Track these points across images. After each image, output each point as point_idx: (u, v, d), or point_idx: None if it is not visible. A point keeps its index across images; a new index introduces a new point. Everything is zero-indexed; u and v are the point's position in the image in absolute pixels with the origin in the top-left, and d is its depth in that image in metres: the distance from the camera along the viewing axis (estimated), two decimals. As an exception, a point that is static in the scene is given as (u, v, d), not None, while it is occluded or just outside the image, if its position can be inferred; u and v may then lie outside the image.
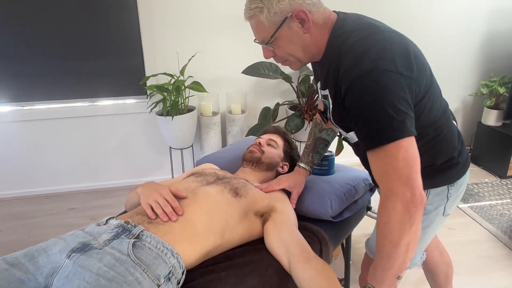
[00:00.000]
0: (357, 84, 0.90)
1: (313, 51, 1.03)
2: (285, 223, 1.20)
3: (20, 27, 2.47)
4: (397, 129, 0.89)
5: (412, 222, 0.89)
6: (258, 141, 1.49)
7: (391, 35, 0.95)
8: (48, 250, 0.97)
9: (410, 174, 0.89)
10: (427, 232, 1.18)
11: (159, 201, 1.12)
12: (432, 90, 1.00)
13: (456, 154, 1.10)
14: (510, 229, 2.36)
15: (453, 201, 1.16)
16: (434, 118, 1.03)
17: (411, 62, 0.92)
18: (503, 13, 3.04)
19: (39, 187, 2.84)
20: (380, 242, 0.95)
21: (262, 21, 0.98)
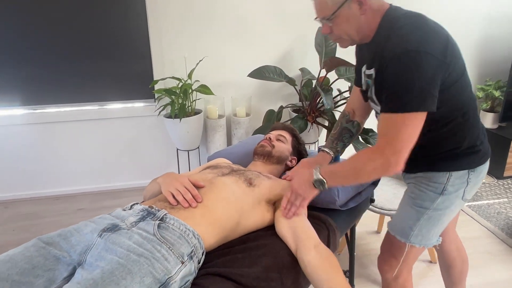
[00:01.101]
0: (398, 59, 1.04)
1: (365, 32, 1.17)
2: (299, 215, 1.27)
3: (31, 31, 2.57)
4: (419, 103, 1.04)
5: (378, 174, 1.12)
6: (268, 136, 1.59)
7: (435, 24, 1.12)
8: (80, 231, 1.05)
9: (403, 148, 1.05)
10: (446, 213, 1.25)
11: (179, 189, 1.20)
12: (463, 79, 1.14)
13: (478, 142, 1.22)
14: (507, 226, 2.44)
15: (472, 187, 1.24)
16: (463, 104, 1.16)
17: (447, 49, 1.07)
18: (497, 19, 3.16)
19: (50, 189, 2.91)
20: (351, 160, 1.16)
21: (326, 1, 1.12)
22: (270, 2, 2.77)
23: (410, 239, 1.29)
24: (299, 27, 2.86)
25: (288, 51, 2.92)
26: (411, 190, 1.30)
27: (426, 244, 1.30)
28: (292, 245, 1.19)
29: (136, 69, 2.79)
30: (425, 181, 1.25)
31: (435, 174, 1.22)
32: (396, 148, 1.05)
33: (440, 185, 1.22)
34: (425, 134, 1.14)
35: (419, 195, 1.26)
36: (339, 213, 1.45)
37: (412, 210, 1.28)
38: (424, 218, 1.26)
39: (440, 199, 1.22)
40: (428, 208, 1.24)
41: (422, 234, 1.28)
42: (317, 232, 1.29)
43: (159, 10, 2.64)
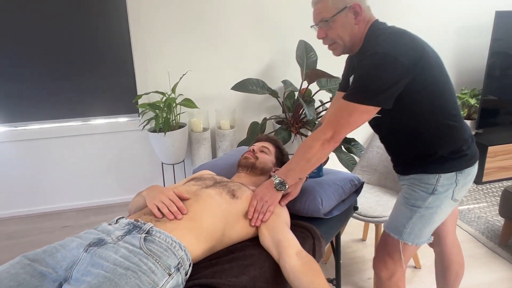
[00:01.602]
0: (367, 58, 1.19)
1: (356, 40, 1.30)
2: (276, 222, 1.30)
3: (12, 48, 2.56)
4: (369, 97, 1.18)
5: (322, 152, 1.26)
6: (252, 148, 1.61)
7: (414, 37, 1.22)
8: (66, 247, 1.05)
9: (341, 130, 1.23)
10: (437, 212, 1.33)
11: (164, 201, 1.21)
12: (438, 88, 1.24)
13: (465, 147, 1.30)
14: (487, 230, 2.51)
15: (461, 188, 1.33)
16: (451, 109, 1.27)
17: (420, 59, 1.17)
18: (470, 31, 3.29)
19: (33, 206, 2.86)
20: (298, 152, 1.30)
21: (328, 4, 1.25)
22: (252, 17, 2.83)
23: (403, 236, 1.36)
24: (280, 40, 2.93)
25: (270, 64, 2.98)
26: (405, 191, 1.39)
27: (418, 242, 1.37)
28: (275, 254, 1.21)
29: (119, 83, 2.80)
30: (417, 182, 1.33)
31: (425, 176, 1.31)
32: (336, 129, 1.23)
33: (431, 186, 1.30)
34: (413, 139, 1.30)
35: (412, 195, 1.34)
36: (324, 222, 1.48)
37: (406, 209, 1.36)
38: (416, 216, 1.34)
39: (431, 198, 1.31)
40: (420, 207, 1.33)
41: (414, 232, 1.35)
42: (302, 240, 1.32)
43: (142, 25, 2.67)
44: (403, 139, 1.33)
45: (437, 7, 3.15)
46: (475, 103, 3.17)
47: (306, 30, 2.93)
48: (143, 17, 2.66)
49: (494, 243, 2.36)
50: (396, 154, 1.43)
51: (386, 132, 1.40)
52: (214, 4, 2.74)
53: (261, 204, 1.32)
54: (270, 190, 1.34)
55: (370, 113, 1.21)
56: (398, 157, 1.42)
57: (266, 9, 2.84)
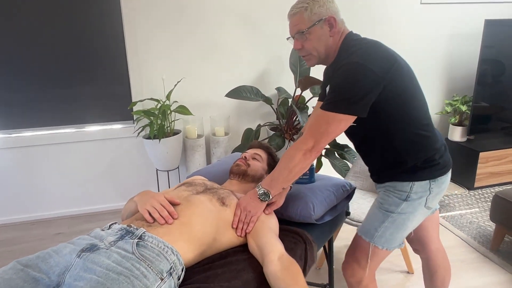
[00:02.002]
0: (341, 68, 1.23)
1: (330, 52, 1.34)
2: (262, 229, 1.31)
3: (6, 55, 2.57)
4: (345, 106, 1.21)
5: (304, 161, 1.28)
6: (244, 155, 1.63)
7: (386, 49, 1.27)
8: (59, 252, 1.06)
9: (321, 140, 1.25)
10: (409, 218, 1.36)
11: (155, 206, 1.23)
12: (409, 98, 1.28)
13: (437, 156, 1.33)
14: (479, 235, 2.53)
15: (435, 196, 1.36)
16: (422, 118, 1.31)
17: (391, 68, 1.22)
18: (461, 38, 3.34)
19: (26, 214, 2.86)
20: (281, 162, 1.33)
21: (303, 17, 1.30)
22: (246, 24, 2.86)
23: (374, 239, 1.38)
24: (274, 48, 2.96)
25: (264, 71, 3.01)
26: (380, 196, 1.42)
27: (388, 246, 1.39)
28: (260, 261, 1.23)
29: (114, 90, 2.81)
30: (392, 189, 1.36)
31: (399, 184, 1.34)
32: (316, 139, 1.25)
33: (404, 193, 1.33)
34: (385, 149, 1.33)
35: (386, 200, 1.37)
36: (316, 227, 1.49)
37: (379, 212, 1.38)
38: (389, 220, 1.36)
39: (404, 204, 1.34)
40: (393, 212, 1.35)
41: (385, 236, 1.37)
42: (294, 245, 1.34)
43: (136, 32, 2.69)
44: (376, 148, 1.36)
45: (428, 16, 3.20)
46: (466, 109, 3.21)
47: (299, 38, 2.97)
48: (138, 24, 2.68)
49: (486, 248, 2.39)
50: (370, 163, 1.45)
51: (360, 141, 1.42)
52: (208, 12, 2.77)
53: (245, 214, 1.34)
54: (254, 200, 1.35)
55: (348, 121, 1.24)
56: (373, 166, 1.45)
57: (260, 17, 2.88)
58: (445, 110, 3.31)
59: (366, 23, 3.07)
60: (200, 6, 2.75)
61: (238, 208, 1.36)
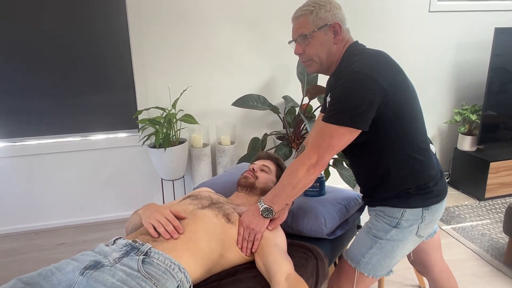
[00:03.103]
0: (343, 77, 1.17)
1: (333, 60, 1.29)
2: (268, 247, 1.26)
3: (11, 63, 2.55)
4: (348, 119, 1.15)
5: (307, 177, 1.21)
6: (252, 167, 1.58)
7: (389, 58, 1.21)
8: (61, 270, 1.02)
9: (325, 154, 1.18)
10: (398, 246, 1.29)
11: (160, 220, 1.19)
12: (409, 118, 1.22)
13: (431, 183, 1.26)
14: (491, 247, 2.46)
15: (427, 224, 1.28)
16: (420, 141, 1.24)
17: (394, 81, 1.15)
18: (469, 47, 3.30)
19: (29, 223, 2.82)
20: (283, 177, 1.27)
21: (308, 20, 1.24)
22: (253, 32, 2.84)
23: (360, 265, 1.32)
24: (281, 56, 2.93)
25: (271, 80, 2.98)
26: (370, 220, 1.35)
27: (375, 274, 1.32)
28: (268, 280, 1.18)
29: (119, 99, 2.79)
30: (382, 214, 1.30)
31: (390, 209, 1.28)
32: (319, 153, 1.18)
33: (395, 219, 1.27)
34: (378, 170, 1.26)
35: (375, 225, 1.31)
36: (327, 241, 1.45)
37: (367, 238, 1.32)
38: (376, 246, 1.29)
39: (393, 231, 1.27)
40: (381, 238, 1.29)
41: (372, 263, 1.30)
42: (305, 261, 1.29)
43: (142, 40, 2.67)
44: (369, 169, 1.30)
45: (436, 24, 3.17)
46: (476, 119, 3.16)
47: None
48: (144, 33, 2.66)
49: (499, 261, 2.32)
50: (362, 183, 1.38)
51: (353, 158, 1.35)
52: (215, 20, 2.75)
53: (248, 232, 1.29)
54: (257, 217, 1.29)
55: (351, 134, 1.17)
56: (364, 187, 1.37)
57: (267, 26, 2.85)
58: (454, 119, 3.26)
59: (373, 32, 3.04)
60: (206, 15, 2.73)
61: (241, 226, 1.30)
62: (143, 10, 2.63)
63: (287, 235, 1.38)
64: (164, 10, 2.66)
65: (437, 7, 3.12)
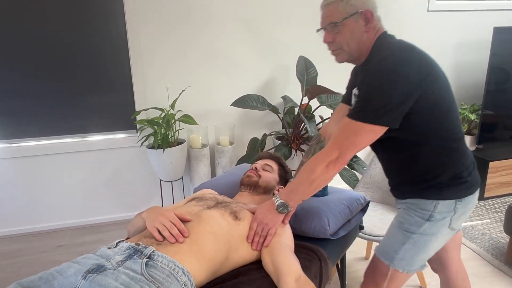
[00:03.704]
0: (374, 74, 1.13)
1: (363, 49, 1.25)
2: (276, 245, 1.25)
3: (7, 63, 2.53)
4: (375, 116, 1.11)
5: (326, 174, 1.19)
6: (254, 166, 1.57)
7: (423, 54, 1.17)
8: (63, 273, 1.00)
9: (347, 151, 1.16)
10: (432, 240, 1.26)
11: (165, 224, 1.17)
12: (443, 108, 1.18)
13: (465, 173, 1.23)
14: (492, 247, 2.46)
15: (460, 216, 1.25)
16: (455, 132, 1.21)
17: (427, 77, 1.12)
18: (468, 46, 3.30)
19: (27, 225, 2.79)
20: (301, 173, 1.24)
21: (339, 7, 1.20)
22: (252, 33, 2.82)
23: (394, 262, 1.29)
24: (280, 56, 2.92)
25: (270, 80, 2.96)
26: (400, 215, 1.32)
27: (409, 270, 1.30)
28: (275, 280, 1.16)
29: (117, 99, 2.76)
30: (414, 207, 1.26)
31: (423, 201, 1.24)
32: (341, 150, 1.16)
33: (427, 212, 1.23)
34: (411, 161, 1.22)
35: (407, 219, 1.27)
36: (330, 243, 1.43)
37: (399, 233, 1.29)
38: (410, 242, 1.27)
39: (426, 225, 1.24)
40: (414, 232, 1.26)
41: (406, 258, 1.28)
42: (308, 263, 1.27)
43: (140, 40, 2.65)
44: (401, 160, 1.26)
45: (435, 24, 3.17)
46: (475, 118, 3.16)
47: (305, 46, 2.93)
48: (142, 33, 2.64)
49: (500, 261, 2.32)
50: (393, 176, 1.35)
51: (384, 152, 1.32)
52: (213, 20, 2.74)
53: (261, 227, 1.27)
54: (271, 212, 1.28)
55: (377, 133, 1.14)
56: (395, 180, 1.34)
57: (266, 25, 2.84)
58: (453, 118, 3.25)
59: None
60: (204, 15, 2.71)
61: (254, 221, 1.28)
62: (141, 11, 2.60)
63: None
64: (162, 10, 2.64)
65: (435, 7, 3.12)
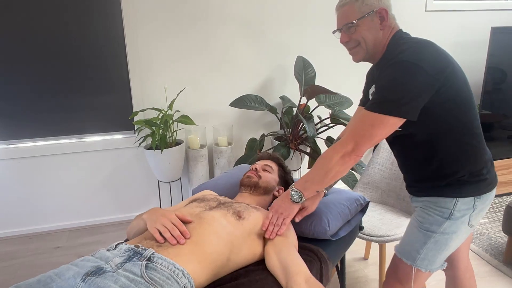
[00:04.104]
0: (391, 66, 1.14)
1: (379, 47, 1.26)
2: (284, 244, 1.25)
3: (5, 65, 2.51)
4: (393, 108, 1.11)
5: (341, 165, 1.19)
6: (254, 166, 1.57)
7: (441, 49, 1.18)
8: (62, 276, 0.99)
9: (363, 143, 1.16)
10: (452, 238, 1.26)
11: (166, 225, 1.16)
12: (461, 104, 1.19)
13: (485, 170, 1.23)
14: (490, 247, 2.46)
15: (478, 213, 1.25)
16: (475, 127, 1.21)
17: (445, 70, 1.13)
18: (465, 46, 3.31)
19: (24, 227, 2.77)
20: (317, 163, 1.25)
21: (354, 7, 1.23)
22: (250, 33, 2.82)
23: (417, 262, 1.30)
24: (278, 56, 2.91)
25: (268, 80, 2.96)
26: (418, 214, 1.31)
27: (431, 268, 1.31)
28: (282, 280, 1.15)
29: (115, 100, 2.75)
30: (432, 205, 1.27)
31: (442, 200, 1.24)
32: (357, 141, 1.16)
33: (447, 210, 1.23)
34: (430, 157, 1.23)
35: (427, 218, 1.27)
36: (330, 243, 1.43)
37: (420, 233, 1.29)
38: (431, 241, 1.27)
39: (447, 223, 1.24)
40: (435, 232, 1.26)
41: (428, 258, 1.29)
42: (308, 264, 1.27)
43: (138, 41, 2.64)
44: (420, 156, 1.26)
45: (432, 23, 3.17)
46: (473, 118, 3.16)
47: (303, 46, 2.93)
48: (139, 33, 2.63)
49: (498, 260, 2.32)
50: (411, 173, 1.34)
51: (402, 148, 1.32)
52: (211, 20, 2.73)
53: (276, 217, 1.29)
54: (286, 202, 1.30)
55: (394, 125, 1.13)
56: (413, 176, 1.33)
57: (264, 26, 2.83)
58: (451, 118, 3.26)
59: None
60: (202, 15, 2.70)
61: (271, 211, 1.31)
62: (139, 10, 2.59)
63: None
64: (160, 11, 2.63)
65: (433, 7, 3.12)
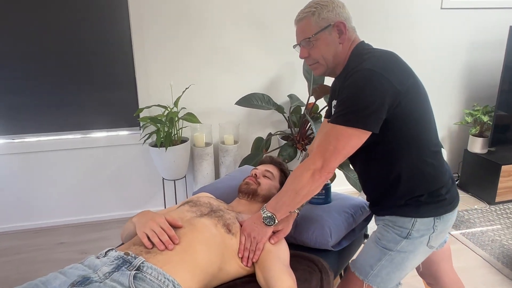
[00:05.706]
0: (352, 75, 1.10)
1: (339, 60, 1.22)
2: (269, 260, 1.20)
3: (12, 59, 2.49)
4: (358, 120, 1.07)
5: (312, 184, 1.14)
6: (254, 172, 1.50)
7: (399, 58, 1.14)
8: (48, 285, 0.95)
9: (331, 158, 1.10)
10: (409, 258, 1.22)
11: (155, 229, 1.12)
12: (419, 119, 1.15)
13: (444, 190, 1.19)
14: (503, 255, 2.38)
15: (438, 235, 1.21)
16: (432, 145, 1.17)
17: (407, 82, 1.09)
18: (482, 45, 3.19)
19: (28, 222, 2.78)
20: (287, 183, 1.21)
21: (311, 22, 1.19)
22: (257, 30, 2.75)
23: (369, 278, 1.25)
24: (286, 54, 2.84)
25: (276, 78, 2.89)
26: (378, 230, 1.28)
27: (384, 287, 1.25)
28: None
29: (120, 96, 2.72)
30: (391, 224, 1.23)
31: (400, 219, 1.20)
32: (325, 158, 1.11)
33: (405, 230, 1.19)
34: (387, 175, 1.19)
35: (385, 236, 1.23)
36: (332, 252, 1.37)
37: (376, 249, 1.25)
38: (386, 258, 1.22)
39: (404, 242, 1.20)
40: (391, 249, 1.21)
41: (381, 275, 1.24)
42: (308, 275, 1.22)
43: (144, 38, 2.60)
44: (377, 173, 1.22)
45: (449, 21, 3.06)
46: (488, 120, 3.06)
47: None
48: (146, 30, 2.59)
49: (510, 269, 2.23)
50: (369, 191, 1.30)
51: (361, 164, 1.27)
52: (218, 17, 2.67)
53: (249, 241, 1.22)
54: (258, 225, 1.23)
55: (360, 137, 1.09)
56: (372, 195, 1.30)
57: (271, 23, 2.77)
58: (465, 120, 3.15)
59: (382, 29, 2.94)
60: (209, 12, 2.65)
61: (243, 235, 1.24)
62: (146, 8, 2.55)
63: (290, 246, 1.31)
64: (166, 8, 2.58)
65: (449, 4, 3.01)
